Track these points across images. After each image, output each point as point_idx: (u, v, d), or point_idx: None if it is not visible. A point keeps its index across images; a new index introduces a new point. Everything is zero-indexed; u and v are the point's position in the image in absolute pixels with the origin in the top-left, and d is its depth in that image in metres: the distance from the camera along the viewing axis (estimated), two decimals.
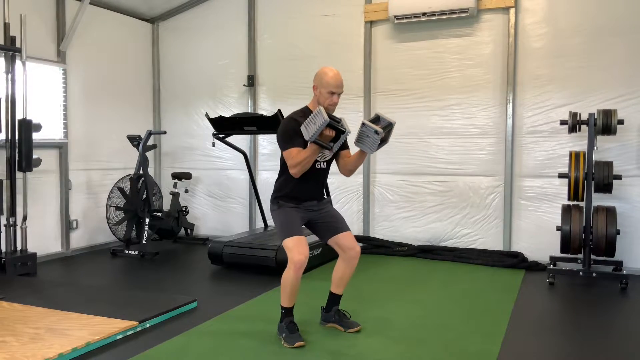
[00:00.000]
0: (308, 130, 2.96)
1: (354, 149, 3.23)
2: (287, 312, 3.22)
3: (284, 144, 3.15)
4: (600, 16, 4.93)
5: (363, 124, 3.04)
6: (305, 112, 3.19)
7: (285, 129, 3.16)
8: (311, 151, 3.05)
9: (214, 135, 5.57)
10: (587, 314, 3.80)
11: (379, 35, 5.83)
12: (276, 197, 3.27)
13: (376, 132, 2.97)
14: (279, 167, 3.31)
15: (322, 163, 3.25)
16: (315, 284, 4.11)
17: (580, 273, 4.51)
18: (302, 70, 6.11)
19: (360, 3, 5.85)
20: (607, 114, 4.47)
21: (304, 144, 3.09)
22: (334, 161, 3.34)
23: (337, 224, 3.33)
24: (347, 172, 3.35)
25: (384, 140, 3.11)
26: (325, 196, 3.45)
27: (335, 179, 5.73)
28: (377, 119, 3.13)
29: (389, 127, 3.12)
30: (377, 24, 5.82)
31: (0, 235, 4.88)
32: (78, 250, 5.87)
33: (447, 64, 5.53)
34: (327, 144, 3.02)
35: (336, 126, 2.99)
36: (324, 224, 3.32)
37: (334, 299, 3.44)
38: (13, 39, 4.91)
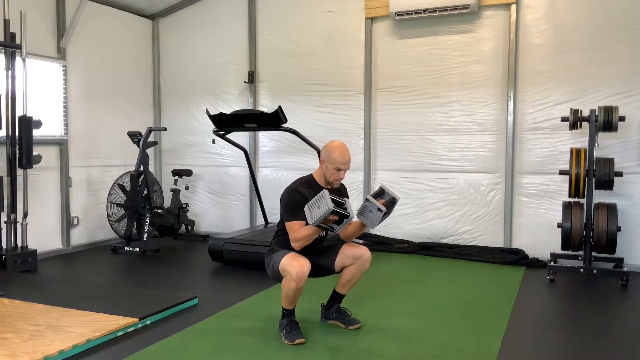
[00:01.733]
0: (312, 214, 2.94)
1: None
2: (289, 313, 3.22)
3: (286, 216, 3.16)
4: (601, 13, 4.91)
5: (367, 199, 3.04)
6: (309, 183, 3.19)
7: (288, 201, 3.16)
8: (313, 231, 3.05)
9: (214, 132, 5.56)
10: (587, 311, 3.80)
11: (379, 31, 5.81)
12: (272, 246, 3.29)
13: (379, 209, 2.97)
14: (277, 227, 3.34)
15: (322, 232, 3.22)
16: (316, 282, 4.10)
17: (581, 270, 4.51)
18: (302, 67, 6.11)
19: None
20: (608, 110, 4.46)
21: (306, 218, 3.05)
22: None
23: (331, 246, 3.31)
24: (346, 238, 3.34)
25: (386, 214, 3.09)
26: None
27: None
28: (381, 193, 3.13)
29: (392, 202, 3.12)
30: (377, 20, 5.81)
31: (0, 232, 4.88)
32: (78, 247, 5.87)
33: (448, 60, 5.52)
34: (329, 227, 3.01)
35: (340, 212, 2.95)
36: (321, 256, 3.27)
37: (337, 297, 3.44)
38: (13, 36, 4.90)
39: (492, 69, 5.35)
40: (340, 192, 3.30)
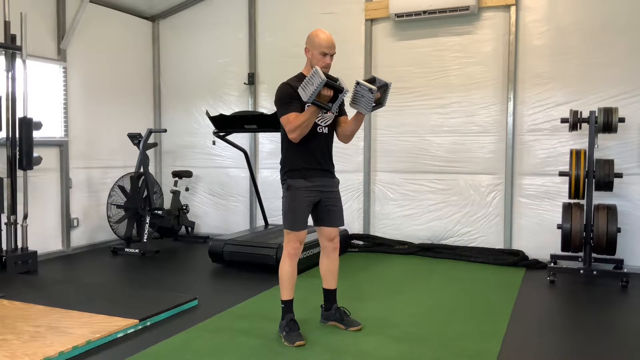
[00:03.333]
0: (306, 91, 2.90)
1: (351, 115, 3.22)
2: (287, 307, 3.23)
3: (281, 110, 3.13)
4: (601, 14, 4.91)
5: (357, 82, 2.99)
6: (300, 78, 3.17)
7: (281, 94, 3.14)
8: (310, 113, 3.01)
9: (214, 133, 5.57)
10: (587, 312, 3.80)
11: (379, 33, 5.82)
12: (285, 174, 3.24)
13: (370, 90, 2.92)
14: (281, 141, 3.29)
15: (323, 128, 3.22)
16: (315, 282, 4.10)
17: (581, 271, 4.51)
18: (302, 69, 6.09)
19: (360, 1, 5.84)
20: (608, 112, 4.46)
21: (301, 109, 3.07)
22: (334, 129, 3.33)
23: (335, 217, 3.34)
24: (345, 138, 3.33)
25: (380, 103, 3.07)
26: (334, 172, 3.38)
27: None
28: (372, 81, 3.09)
29: (384, 87, 3.09)
30: (377, 21, 5.82)
31: (0, 233, 4.88)
32: (79, 249, 5.87)
33: (448, 61, 5.52)
34: (325, 105, 2.97)
35: (334, 85, 2.93)
36: (326, 210, 3.29)
37: (329, 295, 3.45)
38: (13, 37, 4.90)
39: (492, 71, 5.36)
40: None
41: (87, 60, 5.98)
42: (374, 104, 3.02)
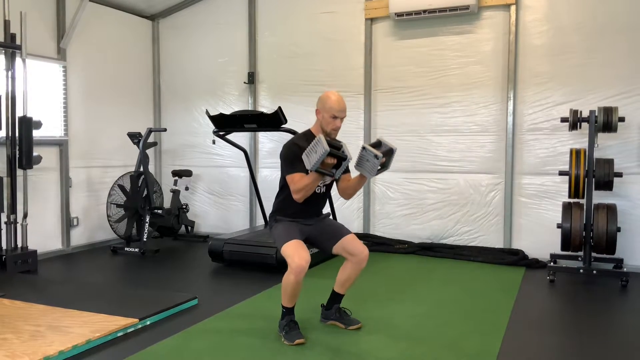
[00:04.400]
0: (309, 159, 2.95)
1: (354, 173, 3.21)
2: (288, 311, 3.22)
3: (286, 169, 3.17)
4: (601, 13, 4.91)
5: (363, 147, 3.02)
6: (307, 136, 3.19)
7: (287, 154, 3.17)
8: (313, 178, 3.04)
9: (214, 132, 5.56)
10: (587, 312, 3.80)
11: (379, 32, 5.82)
12: (274, 215, 3.31)
13: (376, 156, 2.95)
14: (278, 187, 3.33)
15: (322, 188, 3.26)
16: (316, 282, 4.11)
17: (581, 270, 4.51)
18: (302, 68, 6.11)
19: (360, 0, 5.83)
20: (608, 111, 4.46)
21: (306, 169, 3.07)
22: (334, 184, 3.33)
23: (337, 230, 3.32)
24: (347, 195, 3.33)
25: (384, 166, 3.08)
26: (323, 212, 3.44)
27: None
28: (378, 144, 3.11)
29: (389, 152, 3.10)
30: (377, 21, 5.81)
31: (0, 232, 4.88)
32: (78, 248, 5.87)
33: (448, 61, 5.52)
34: (329, 172, 3.01)
35: (337, 154, 2.96)
36: (324, 234, 3.30)
37: (336, 297, 3.44)
38: (13, 36, 4.90)
39: (492, 70, 5.36)
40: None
41: (87, 60, 5.98)
42: (379, 168, 3.03)
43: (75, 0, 5.67)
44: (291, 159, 3.14)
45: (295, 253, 3.02)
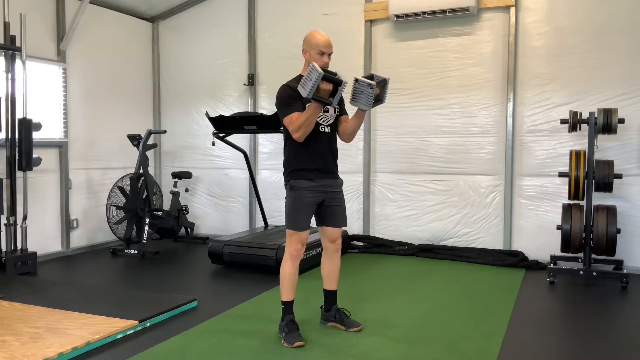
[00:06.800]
0: (305, 87, 2.91)
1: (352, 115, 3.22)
2: (287, 308, 3.22)
3: (282, 111, 3.14)
4: (600, 15, 4.92)
5: (356, 79, 3.01)
6: (299, 79, 3.16)
7: (282, 96, 3.15)
8: (312, 110, 3.02)
9: (214, 134, 5.56)
10: (587, 313, 3.80)
11: (379, 34, 5.82)
12: (288, 175, 3.24)
13: (369, 85, 2.94)
14: (283, 143, 3.29)
15: (325, 127, 3.22)
16: (316, 283, 4.10)
17: (581, 272, 4.51)
18: (301, 70, 6.10)
19: (360, 2, 5.84)
20: (608, 112, 4.46)
21: (302, 108, 3.08)
22: (337, 127, 3.32)
23: (338, 217, 3.33)
24: (347, 136, 3.31)
25: (379, 99, 3.08)
26: (338, 173, 3.38)
27: None
28: (370, 77, 3.10)
29: (383, 82, 3.09)
30: (377, 22, 5.82)
31: (0, 234, 4.88)
32: (78, 250, 5.87)
33: (448, 62, 5.52)
34: (326, 99, 2.98)
35: (332, 78, 2.93)
36: (330, 210, 3.28)
37: (330, 295, 3.45)
38: (13, 38, 4.90)
39: (492, 71, 5.36)
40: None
41: (87, 61, 5.98)
42: (373, 100, 3.03)
43: (75, 2, 5.68)
44: (287, 99, 3.12)
45: (296, 236, 3.15)
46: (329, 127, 3.25)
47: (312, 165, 3.19)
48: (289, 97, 3.11)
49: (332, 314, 3.43)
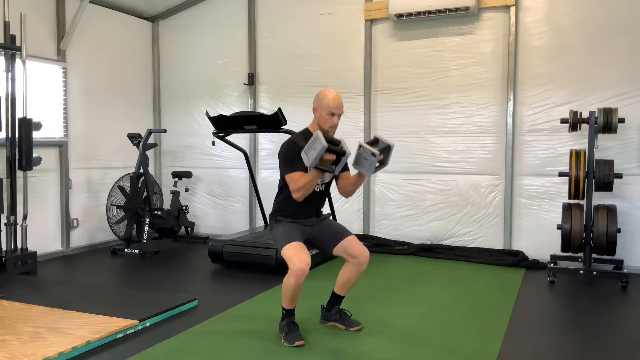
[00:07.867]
0: (308, 156, 2.94)
1: (353, 171, 3.20)
2: (288, 313, 3.22)
3: (285, 168, 3.15)
4: (601, 14, 4.92)
5: (360, 146, 3.01)
6: (305, 135, 3.18)
7: (287, 153, 3.16)
8: (313, 175, 3.03)
9: (214, 133, 5.56)
10: (587, 313, 3.80)
11: (379, 33, 5.82)
12: (274, 215, 3.29)
13: (373, 154, 2.94)
14: (278, 188, 3.31)
15: (321, 186, 3.25)
16: (316, 284, 4.11)
17: (581, 272, 4.51)
18: (302, 69, 6.11)
19: (360, 1, 5.84)
20: (608, 112, 4.46)
21: (305, 167, 3.06)
22: (334, 182, 3.33)
23: (338, 232, 3.31)
24: (347, 193, 3.31)
25: (382, 163, 3.07)
26: (323, 213, 3.43)
27: None
28: (375, 142, 3.10)
29: (387, 149, 3.08)
30: (377, 22, 5.82)
31: (0, 233, 4.88)
32: (78, 249, 5.87)
33: (448, 62, 5.52)
34: (328, 168, 3.00)
35: (335, 149, 2.95)
36: (324, 235, 3.29)
37: (336, 299, 3.43)
38: (13, 38, 4.90)
39: (492, 71, 5.36)
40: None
41: (87, 61, 5.98)
42: (377, 165, 3.02)
43: (75, 2, 5.68)
44: (290, 158, 3.13)
45: (296, 256, 3.00)
46: (323, 186, 3.29)
47: (300, 215, 3.25)
48: (293, 155, 3.11)
49: (332, 314, 3.43)
